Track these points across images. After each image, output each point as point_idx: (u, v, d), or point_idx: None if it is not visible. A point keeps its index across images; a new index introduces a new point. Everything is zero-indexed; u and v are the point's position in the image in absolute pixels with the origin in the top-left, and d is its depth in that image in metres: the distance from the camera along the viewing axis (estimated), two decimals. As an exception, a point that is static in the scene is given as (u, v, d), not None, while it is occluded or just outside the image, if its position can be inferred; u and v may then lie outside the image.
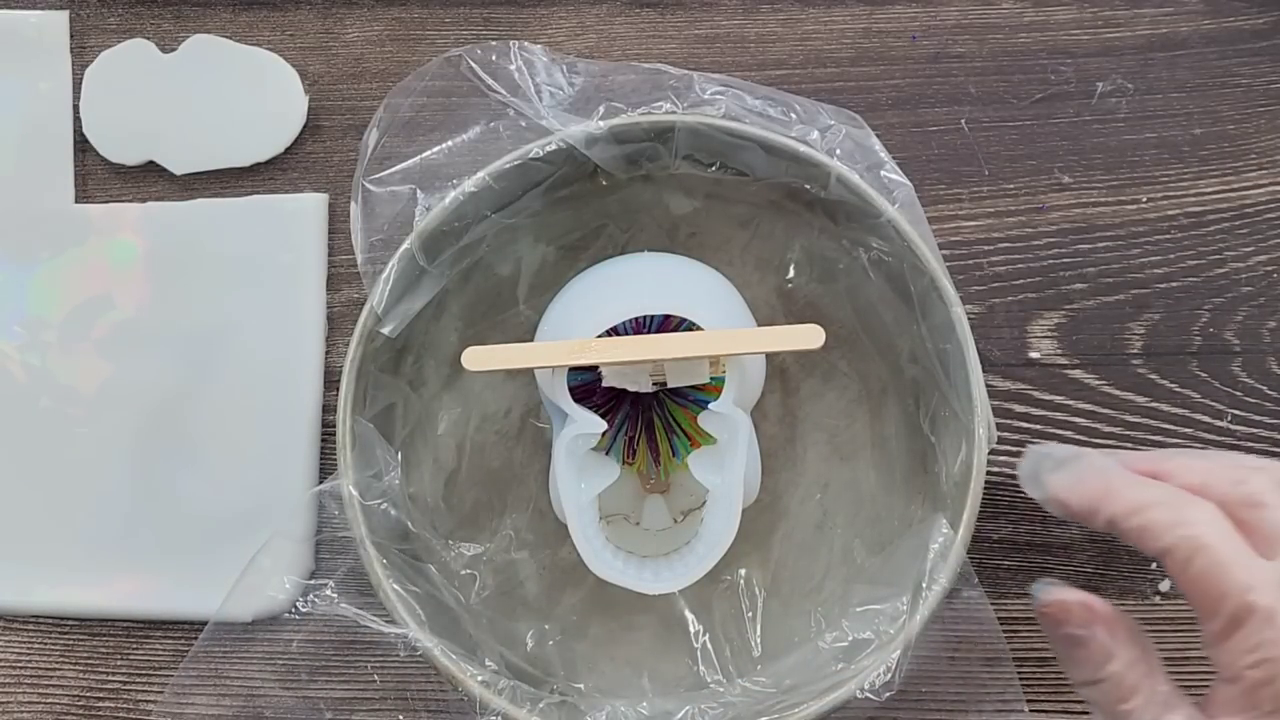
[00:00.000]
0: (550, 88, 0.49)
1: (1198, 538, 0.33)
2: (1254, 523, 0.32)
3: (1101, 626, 0.34)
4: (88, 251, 0.54)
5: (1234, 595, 0.32)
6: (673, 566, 0.45)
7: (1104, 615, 0.35)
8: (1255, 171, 0.53)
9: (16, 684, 0.53)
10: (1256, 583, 0.32)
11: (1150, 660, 0.34)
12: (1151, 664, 0.34)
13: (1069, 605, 0.35)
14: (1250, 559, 0.32)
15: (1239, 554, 0.32)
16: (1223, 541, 0.32)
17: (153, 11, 0.55)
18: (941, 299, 0.45)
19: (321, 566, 0.51)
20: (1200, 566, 0.32)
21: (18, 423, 0.54)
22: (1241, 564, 0.32)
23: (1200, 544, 0.32)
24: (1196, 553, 0.33)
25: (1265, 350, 0.52)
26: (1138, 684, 0.34)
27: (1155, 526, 0.33)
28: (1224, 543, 0.32)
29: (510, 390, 0.51)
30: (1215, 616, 0.32)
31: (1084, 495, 0.35)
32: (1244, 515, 0.33)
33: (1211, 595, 0.32)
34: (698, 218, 0.51)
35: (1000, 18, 0.54)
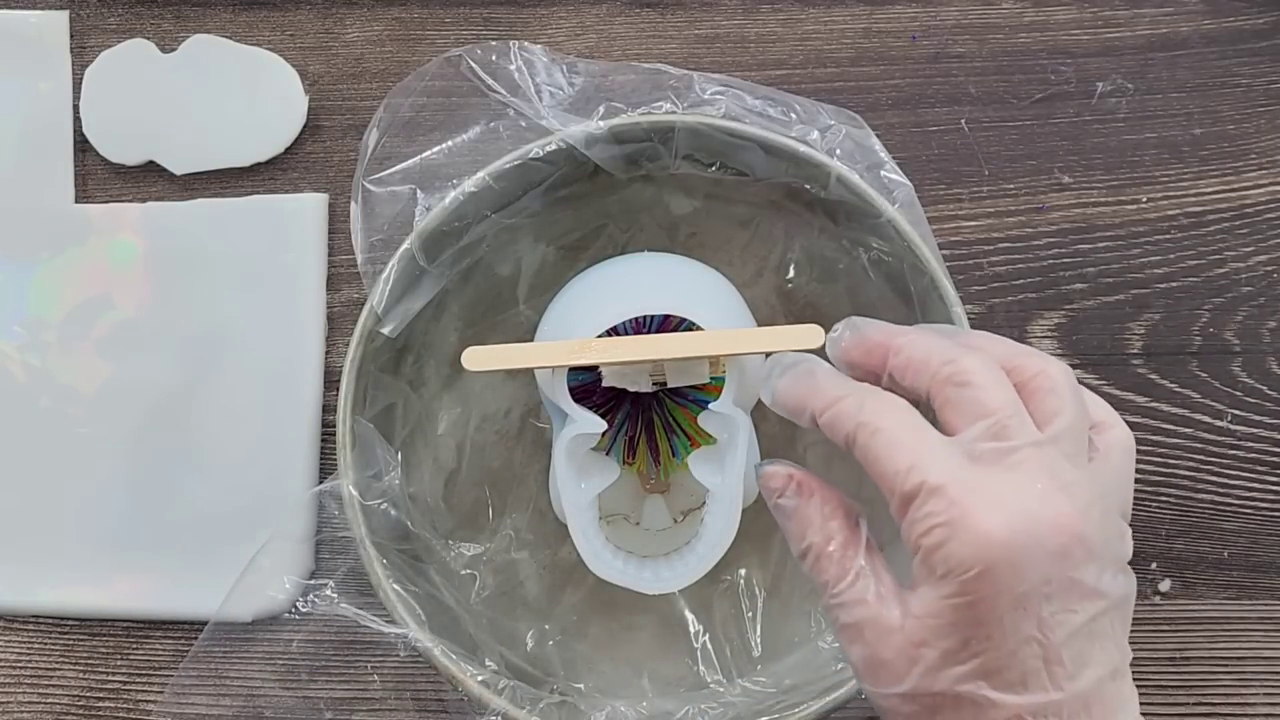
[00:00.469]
0: (550, 88, 0.49)
1: (873, 422, 0.34)
2: (954, 401, 0.34)
3: (806, 499, 0.36)
4: (88, 251, 0.54)
5: (904, 473, 0.33)
6: (673, 566, 0.45)
7: (807, 487, 0.36)
8: (1255, 171, 0.53)
9: (16, 684, 0.53)
10: (927, 460, 0.33)
11: (856, 535, 0.35)
12: (857, 539, 0.35)
13: (777, 474, 0.37)
14: (925, 439, 0.34)
15: (913, 435, 0.34)
16: (898, 425, 0.34)
17: (153, 11, 0.55)
18: (941, 299, 0.45)
19: (321, 566, 0.51)
20: (876, 449, 0.34)
21: (18, 423, 0.54)
22: (913, 444, 0.34)
23: (875, 427, 0.34)
24: (873, 436, 0.34)
25: (1265, 350, 0.52)
26: (837, 555, 0.35)
27: (841, 416, 0.35)
28: (899, 426, 0.34)
29: (510, 390, 0.51)
30: (892, 495, 0.34)
31: (795, 395, 0.37)
32: (949, 394, 0.34)
33: (887, 475, 0.34)
34: (698, 218, 0.51)
35: (1000, 18, 0.54)
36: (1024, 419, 0.34)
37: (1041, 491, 0.32)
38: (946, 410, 0.34)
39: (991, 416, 0.33)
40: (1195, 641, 0.51)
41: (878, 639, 0.33)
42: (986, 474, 0.33)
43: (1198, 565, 0.51)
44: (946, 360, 0.34)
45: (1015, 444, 0.33)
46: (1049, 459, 0.33)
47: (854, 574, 0.35)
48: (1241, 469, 0.52)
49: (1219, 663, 0.51)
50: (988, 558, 0.32)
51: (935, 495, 0.33)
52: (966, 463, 0.33)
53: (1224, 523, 0.52)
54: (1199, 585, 0.51)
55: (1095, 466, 0.34)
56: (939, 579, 0.33)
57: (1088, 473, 0.34)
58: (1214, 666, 0.51)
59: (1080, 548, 0.32)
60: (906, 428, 0.34)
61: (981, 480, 0.33)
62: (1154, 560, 0.51)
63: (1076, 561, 0.32)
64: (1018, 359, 0.35)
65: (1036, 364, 0.35)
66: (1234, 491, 0.52)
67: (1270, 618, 0.51)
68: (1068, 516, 0.32)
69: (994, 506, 0.32)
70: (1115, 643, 0.33)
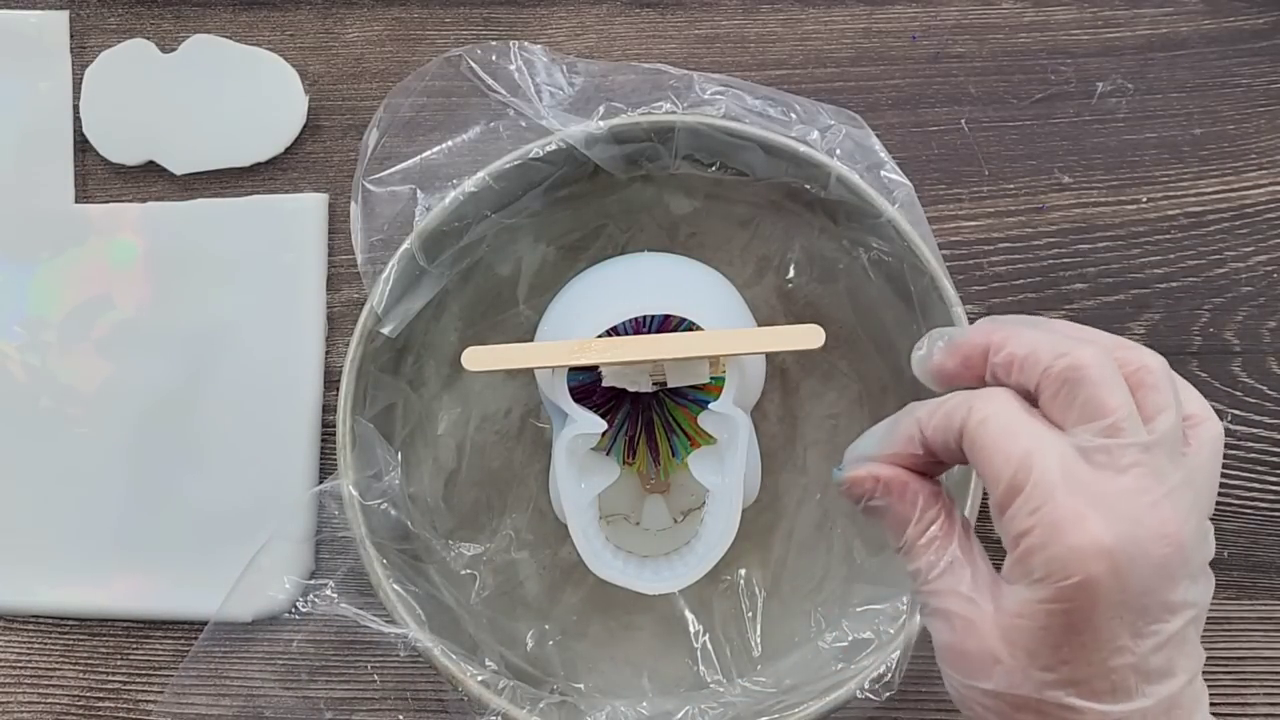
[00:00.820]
0: (550, 88, 0.49)
1: (982, 409, 0.33)
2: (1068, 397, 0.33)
3: (898, 497, 0.35)
4: (88, 251, 0.54)
5: (1014, 461, 0.32)
6: (673, 566, 0.45)
7: (892, 482, 0.35)
8: (1255, 171, 0.53)
9: (16, 684, 0.53)
10: (1040, 453, 0.32)
11: (950, 525, 0.35)
12: (951, 528, 0.35)
13: (859, 479, 0.35)
14: (1038, 430, 0.33)
15: (1024, 425, 0.33)
16: (1009, 416, 0.33)
17: (153, 11, 0.55)
18: (941, 299, 0.45)
19: (321, 566, 0.51)
20: (985, 436, 0.33)
21: (18, 423, 0.54)
22: (1028, 434, 0.32)
23: (984, 416, 0.33)
24: (981, 425, 0.33)
25: (1265, 350, 0.52)
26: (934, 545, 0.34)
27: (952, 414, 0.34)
28: (1010, 416, 0.33)
29: (510, 390, 0.51)
30: (997, 484, 0.33)
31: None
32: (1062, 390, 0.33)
33: (995, 464, 0.33)
34: (698, 218, 0.51)
35: (1000, 18, 0.54)
36: (1136, 419, 0.32)
37: (1151, 500, 0.31)
38: (1057, 406, 0.33)
39: (1109, 416, 0.32)
40: (1195, 641, 0.51)
41: (966, 630, 0.33)
42: (1098, 476, 0.32)
43: (1198, 565, 0.51)
44: (1059, 354, 0.33)
45: (1127, 443, 0.32)
46: (1156, 462, 0.32)
47: (946, 563, 0.34)
48: (1241, 469, 0.52)
49: (1219, 663, 0.51)
50: (1091, 567, 0.31)
51: (1043, 492, 0.32)
52: (1080, 461, 0.32)
53: (1224, 523, 0.52)
54: (1199, 585, 0.51)
55: (1189, 465, 0.33)
56: (1036, 581, 0.32)
57: (1187, 471, 0.33)
58: (1214, 666, 0.51)
59: (1179, 557, 0.31)
60: (1019, 416, 0.33)
61: (1093, 482, 0.31)
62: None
63: (1174, 572, 0.31)
64: (1119, 350, 0.34)
65: (1137, 357, 0.33)
66: (1234, 491, 0.52)
67: (1270, 618, 0.51)
68: (1172, 525, 0.31)
69: (1103, 513, 0.31)
70: (1196, 647, 0.33)
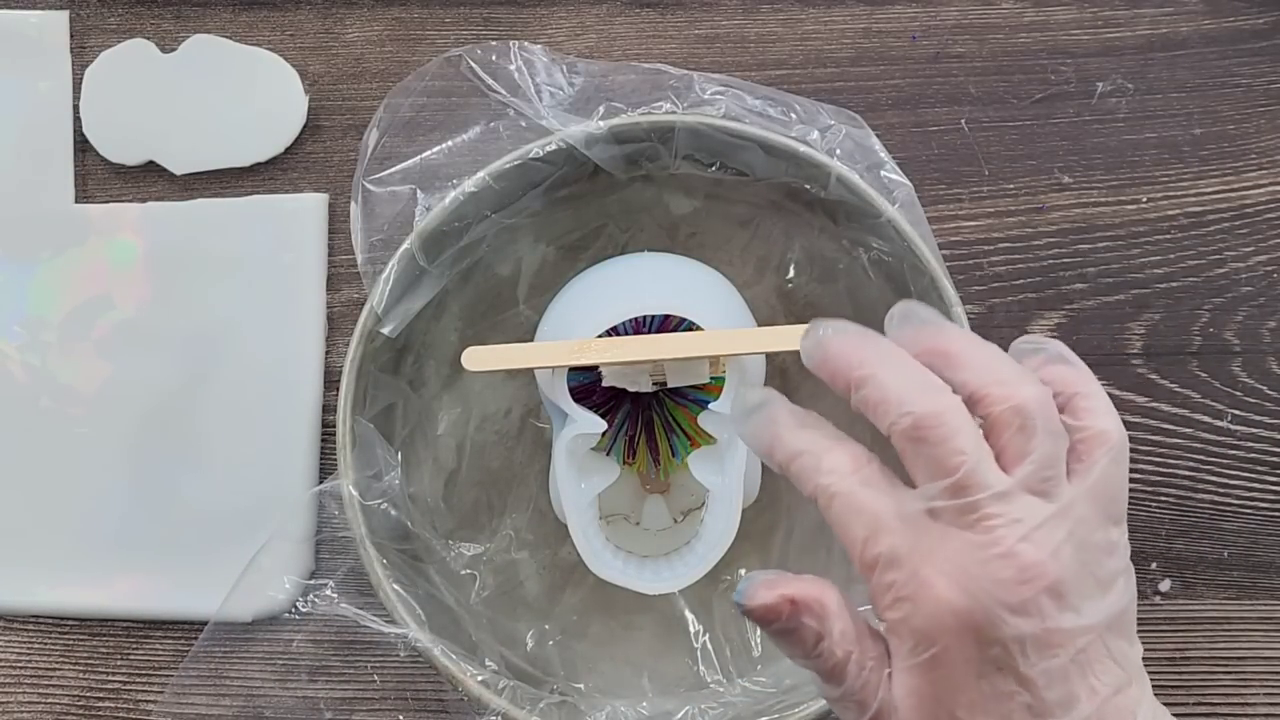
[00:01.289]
0: (550, 88, 0.49)
1: (830, 486, 0.34)
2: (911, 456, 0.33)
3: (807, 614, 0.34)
4: (88, 251, 0.54)
5: (861, 543, 0.33)
6: (673, 566, 0.45)
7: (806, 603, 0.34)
8: (1255, 171, 0.53)
9: (16, 684, 0.53)
10: (884, 527, 0.32)
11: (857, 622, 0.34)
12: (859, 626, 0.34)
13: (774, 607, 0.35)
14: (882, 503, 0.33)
15: (872, 498, 0.33)
16: (855, 488, 0.33)
17: (153, 11, 0.55)
18: (941, 299, 0.45)
19: (321, 566, 0.51)
20: (834, 515, 0.34)
21: (18, 423, 0.54)
22: (871, 509, 0.33)
23: (833, 492, 0.33)
24: (831, 501, 0.34)
25: (1265, 350, 0.52)
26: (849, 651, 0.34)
27: (801, 476, 0.35)
28: (856, 490, 0.33)
29: (510, 390, 0.51)
30: (852, 561, 0.33)
31: (759, 442, 0.36)
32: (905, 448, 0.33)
33: (848, 544, 0.33)
34: (698, 218, 0.51)
35: (1000, 18, 0.54)
36: (986, 468, 0.32)
37: (1002, 550, 0.31)
38: (906, 462, 0.33)
39: (950, 476, 0.32)
40: (1195, 641, 0.51)
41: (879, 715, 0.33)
42: (944, 536, 0.32)
43: (1198, 565, 0.51)
44: (903, 411, 0.33)
45: (976, 499, 0.32)
46: (1014, 508, 0.32)
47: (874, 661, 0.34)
48: (1241, 469, 0.52)
49: (1219, 663, 0.51)
50: (950, 628, 0.31)
51: (893, 565, 0.32)
52: (927, 523, 0.32)
53: (1224, 523, 0.52)
54: (1199, 585, 0.51)
55: (1074, 488, 0.33)
56: (909, 652, 0.32)
57: (1062, 503, 0.33)
58: (1214, 666, 0.51)
59: (1050, 594, 0.32)
60: (864, 490, 0.33)
61: (938, 544, 0.32)
62: (1154, 560, 0.51)
63: (1047, 608, 0.32)
64: (988, 389, 0.33)
65: (1009, 394, 0.33)
66: (1234, 491, 0.52)
67: (1270, 618, 0.51)
68: (1033, 568, 0.31)
69: (950, 575, 0.31)
70: (1114, 659, 0.32)
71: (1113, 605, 0.33)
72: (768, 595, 0.34)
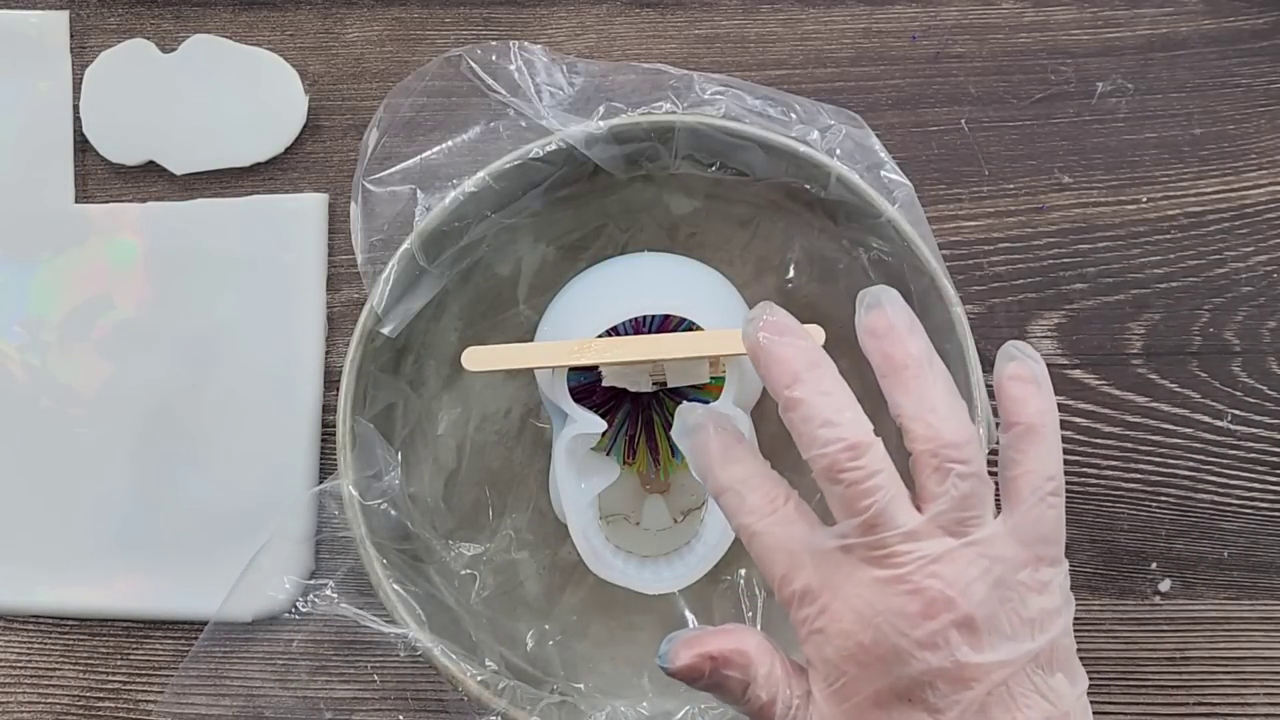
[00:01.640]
0: (550, 88, 0.49)
1: (750, 525, 0.35)
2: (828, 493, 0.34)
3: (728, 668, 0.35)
4: (88, 251, 0.54)
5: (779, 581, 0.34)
6: (673, 566, 0.45)
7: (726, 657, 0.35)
8: (1255, 171, 0.53)
9: (16, 684, 0.53)
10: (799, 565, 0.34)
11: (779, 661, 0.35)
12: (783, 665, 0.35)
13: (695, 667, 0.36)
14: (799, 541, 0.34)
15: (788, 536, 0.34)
16: (774, 526, 0.35)
17: (153, 11, 0.55)
18: (941, 299, 0.45)
19: (321, 566, 0.51)
20: (756, 553, 0.35)
21: (18, 423, 0.54)
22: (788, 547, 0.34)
23: (753, 531, 0.35)
24: (751, 540, 0.35)
25: (1265, 350, 0.52)
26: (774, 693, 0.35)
27: (728, 509, 0.36)
28: (774, 528, 0.35)
29: (510, 390, 0.51)
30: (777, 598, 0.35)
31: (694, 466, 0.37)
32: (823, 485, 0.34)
33: (768, 579, 0.35)
34: (698, 218, 0.51)
35: (1000, 18, 0.54)
36: (897, 507, 0.33)
37: (910, 585, 0.32)
38: (825, 496, 0.34)
39: (861, 515, 0.33)
40: (1195, 641, 0.51)
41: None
42: (855, 571, 0.33)
43: (1198, 565, 0.51)
44: (822, 446, 0.34)
45: (884, 536, 0.33)
46: (924, 545, 0.33)
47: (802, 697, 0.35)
48: (1241, 469, 0.52)
49: (1219, 663, 0.51)
50: (857, 659, 0.32)
51: (807, 600, 0.33)
52: (839, 559, 0.33)
53: (1224, 523, 0.52)
54: (1199, 585, 0.51)
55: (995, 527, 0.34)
56: (823, 682, 0.33)
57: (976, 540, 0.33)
58: (1214, 666, 0.51)
59: (961, 628, 0.32)
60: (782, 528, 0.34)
61: (849, 579, 0.33)
62: (1154, 560, 0.51)
63: (957, 642, 0.32)
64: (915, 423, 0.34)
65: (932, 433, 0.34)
66: (1234, 491, 0.52)
67: (1270, 618, 0.51)
68: (939, 603, 0.32)
69: (858, 607, 0.33)
70: (1041, 693, 0.33)
71: (1040, 643, 0.33)
72: (688, 656, 0.36)
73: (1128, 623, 0.51)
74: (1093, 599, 0.51)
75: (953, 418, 0.34)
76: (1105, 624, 0.51)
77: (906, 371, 0.35)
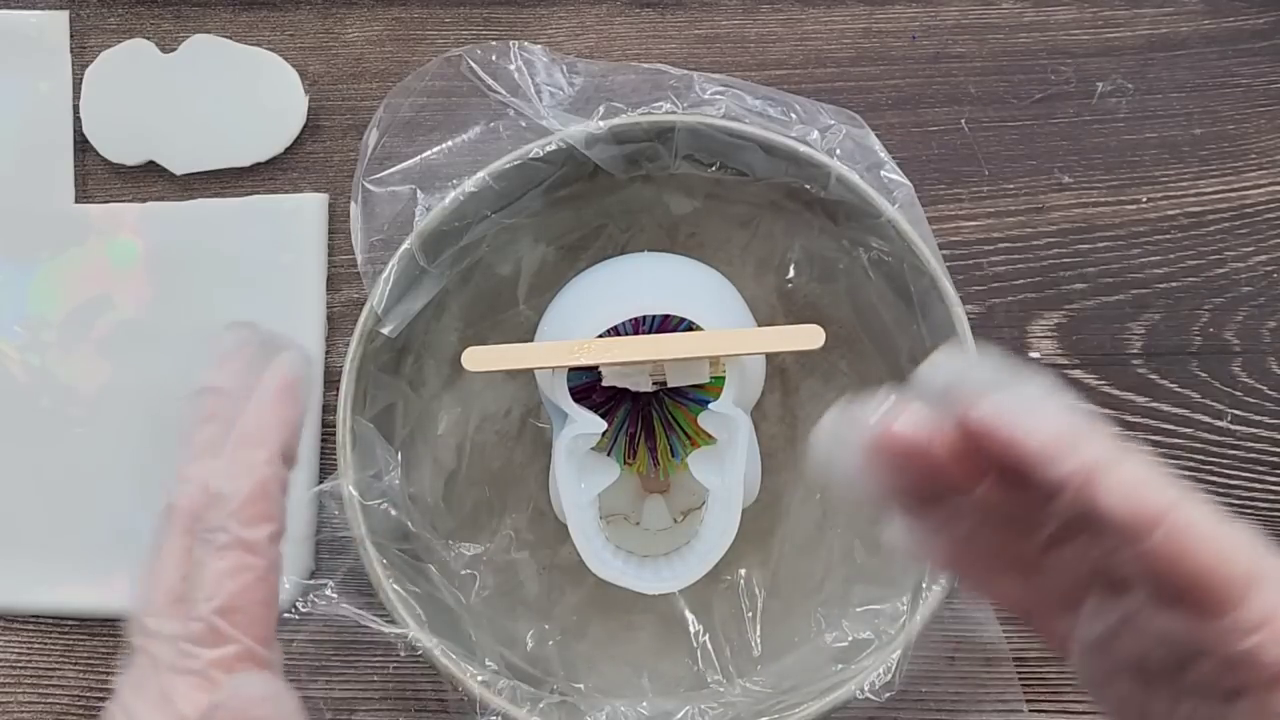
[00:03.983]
0: (550, 88, 0.49)
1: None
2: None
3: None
4: (88, 251, 0.54)
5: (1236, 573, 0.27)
6: (673, 566, 0.45)
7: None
8: (1255, 171, 0.53)
9: (16, 684, 0.53)
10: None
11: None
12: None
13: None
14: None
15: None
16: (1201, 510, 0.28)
17: (153, 11, 0.55)
18: (941, 299, 0.45)
19: (321, 566, 0.51)
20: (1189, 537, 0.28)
21: (18, 423, 0.54)
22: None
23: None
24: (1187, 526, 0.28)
25: (1265, 350, 0.52)
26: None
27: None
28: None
29: (510, 390, 0.51)
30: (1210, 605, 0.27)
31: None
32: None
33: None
34: (698, 218, 0.51)
35: (1000, 18, 0.54)
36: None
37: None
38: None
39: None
40: (1195, 641, 0.51)
41: None
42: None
43: (1198, 565, 0.51)
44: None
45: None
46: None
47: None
48: (1241, 469, 0.52)
49: (1219, 663, 0.51)
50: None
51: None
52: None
53: (1224, 523, 0.52)
54: (1199, 585, 0.51)
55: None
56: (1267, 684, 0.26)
57: None
58: (1214, 666, 0.51)
59: None
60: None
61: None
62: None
63: None
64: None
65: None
66: (1234, 491, 0.52)
67: (1270, 618, 0.51)
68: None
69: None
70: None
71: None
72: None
73: (1128, 623, 0.51)
74: (1093, 599, 0.51)
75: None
76: (1105, 624, 0.51)
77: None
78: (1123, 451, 0.27)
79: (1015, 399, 0.27)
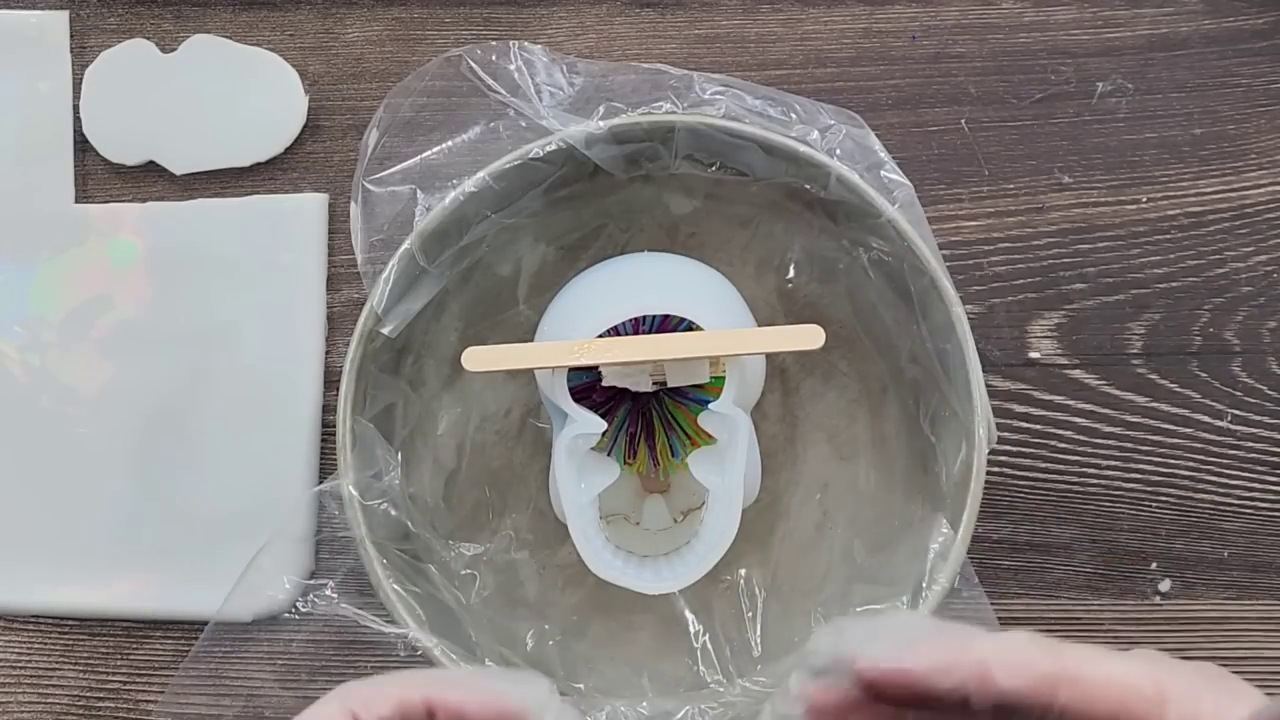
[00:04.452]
0: (550, 88, 0.49)
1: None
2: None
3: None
4: (88, 251, 0.54)
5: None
6: (673, 566, 0.45)
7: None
8: (1255, 171, 0.53)
9: (16, 684, 0.53)
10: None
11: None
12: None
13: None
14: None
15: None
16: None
17: (153, 11, 0.55)
18: (941, 299, 0.45)
19: (321, 566, 0.51)
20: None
21: (18, 423, 0.54)
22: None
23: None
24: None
25: (1265, 350, 0.52)
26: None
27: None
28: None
29: (510, 390, 0.51)
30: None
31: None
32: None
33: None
34: (698, 218, 0.51)
35: (1000, 18, 0.54)
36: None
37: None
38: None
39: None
40: (1195, 641, 0.51)
41: None
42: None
43: (1198, 565, 0.51)
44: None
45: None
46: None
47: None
48: (1241, 469, 0.52)
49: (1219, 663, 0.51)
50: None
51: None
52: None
53: (1224, 523, 0.52)
54: (1199, 585, 0.51)
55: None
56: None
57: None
58: (1214, 666, 0.51)
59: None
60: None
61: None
62: (1154, 560, 0.51)
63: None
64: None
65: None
66: (1234, 491, 0.52)
67: (1270, 618, 0.51)
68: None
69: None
70: None
71: None
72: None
73: (1128, 623, 0.51)
74: (1093, 599, 0.51)
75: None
76: (1105, 624, 0.51)
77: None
78: (999, 636, 0.29)
79: (889, 642, 0.30)
